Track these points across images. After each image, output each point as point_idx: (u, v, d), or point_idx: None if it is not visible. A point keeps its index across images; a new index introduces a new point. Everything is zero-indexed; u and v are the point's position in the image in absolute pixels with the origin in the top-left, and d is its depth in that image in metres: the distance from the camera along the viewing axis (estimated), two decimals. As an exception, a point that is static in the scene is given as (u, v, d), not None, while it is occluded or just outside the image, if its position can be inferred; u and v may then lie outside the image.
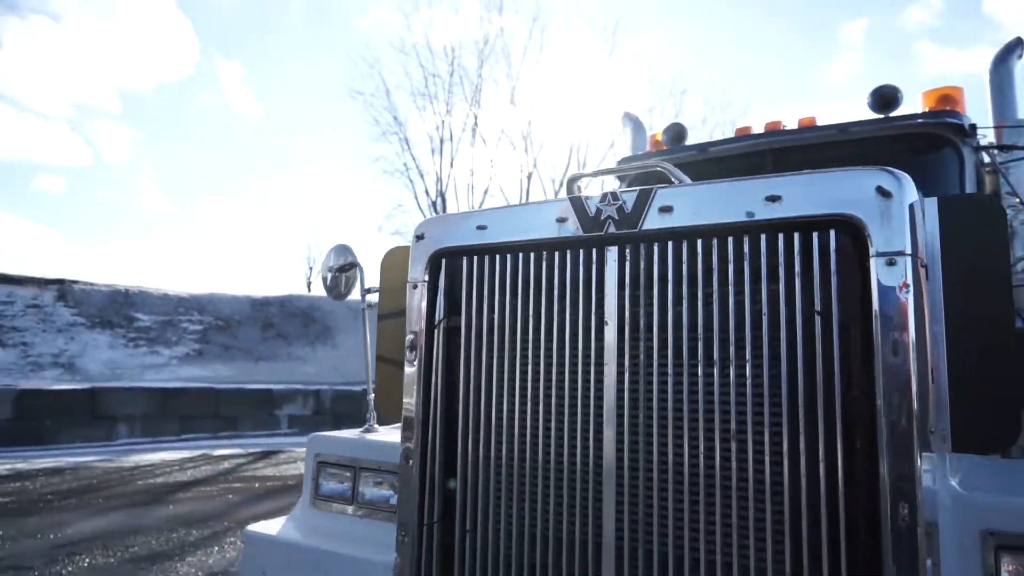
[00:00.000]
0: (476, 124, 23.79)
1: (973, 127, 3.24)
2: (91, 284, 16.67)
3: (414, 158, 23.58)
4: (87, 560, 5.50)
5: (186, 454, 11.43)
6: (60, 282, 16.22)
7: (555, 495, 1.61)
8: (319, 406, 15.34)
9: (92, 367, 14.33)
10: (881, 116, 3.30)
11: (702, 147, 3.69)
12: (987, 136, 3.36)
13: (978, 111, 3.45)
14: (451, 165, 23.37)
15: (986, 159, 3.23)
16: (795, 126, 3.59)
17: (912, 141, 3.26)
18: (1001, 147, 3.15)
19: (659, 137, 4.11)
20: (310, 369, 17.31)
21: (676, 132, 3.87)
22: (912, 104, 3.52)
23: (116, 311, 16.32)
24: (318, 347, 18.76)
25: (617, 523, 1.52)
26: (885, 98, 3.37)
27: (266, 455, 11.38)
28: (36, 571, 5.17)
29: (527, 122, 25.06)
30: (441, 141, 23.59)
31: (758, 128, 3.69)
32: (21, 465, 10.10)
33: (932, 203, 1.40)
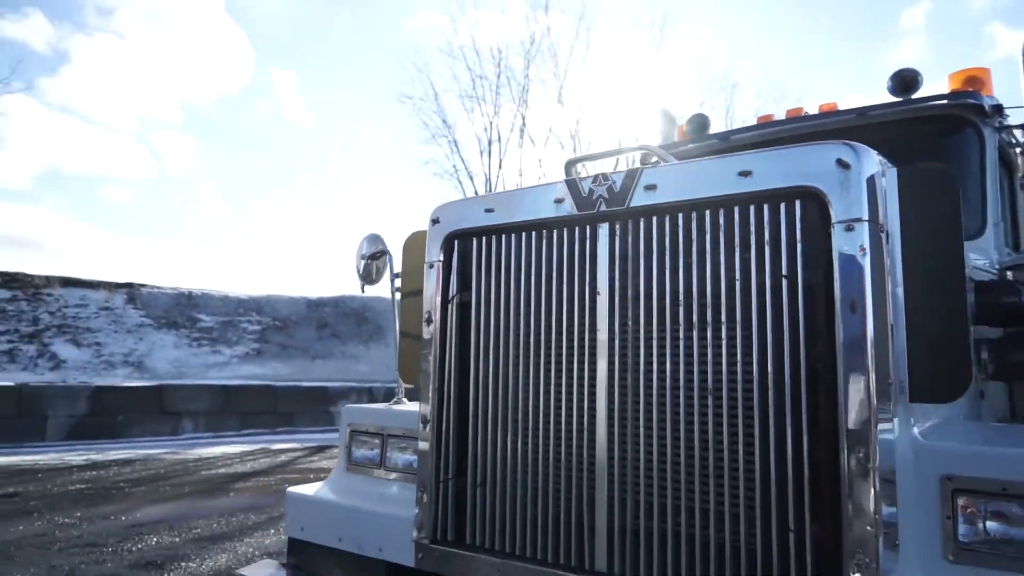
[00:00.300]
0: (524, 124, 23.95)
1: (997, 108, 3.24)
2: (158, 287, 17.50)
3: (463, 160, 23.86)
4: (154, 539, 5.88)
5: (246, 448, 11.93)
6: (129, 285, 17.08)
7: (554, 448, 1.76)
8: (372, 403, 15.76)
9: (159, 365, 15.06)
10: (899, 99, 3.33)
11: (724, 136, 3.78)
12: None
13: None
14: (499, 166, 23.59)
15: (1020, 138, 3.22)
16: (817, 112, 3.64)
17: (932, 123, 3.28)
18: None
19: (685, 128, 4.20)
20: (363, 367, 17.77)
21: (700, 122, 3.96)
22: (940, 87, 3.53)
23: (180, 312, 17.09)
24: (371, 346, 19.26)
25: (608, 474, 1.66)
26: (905, 81, 3.40)
27: (321, 449, 11.80)
28: (110, 547, 5.56)
29: (575, 121, 25.10)
30: (489, 142, 23.82)
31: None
32: (96, 456, 10.73)
33: (893, 174, 1.50)
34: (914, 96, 3.36)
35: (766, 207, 1.52)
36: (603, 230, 1.75)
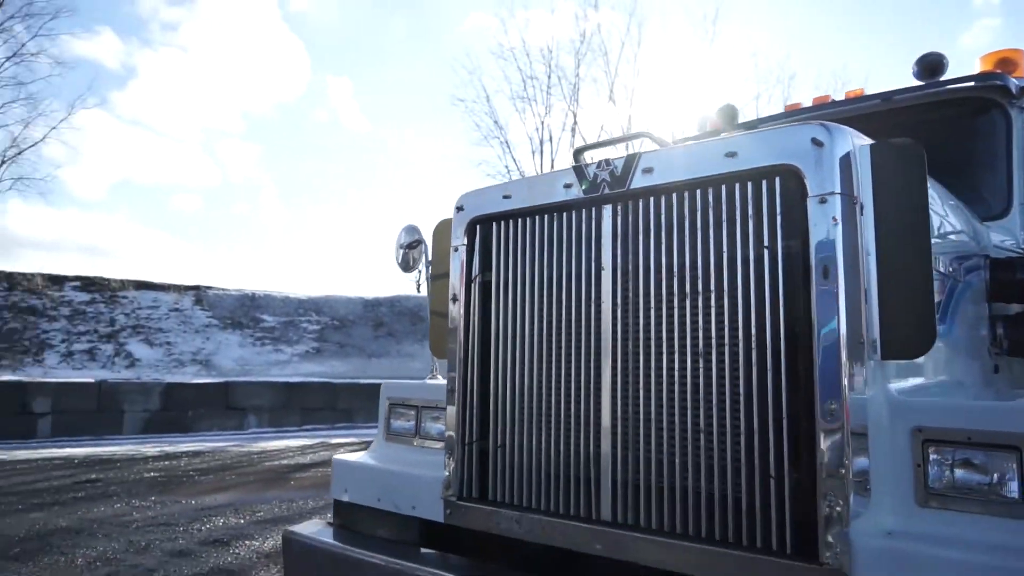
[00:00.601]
0: (575, 123, 24.05)
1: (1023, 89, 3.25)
2: (223, 289, 18.29)
3: (515, 160, 24.14)
4: (221, 521, 6.27)
5: (306, 441, 12.41)
6: (196, 288, 17.91)
7: (564, 411, 1.94)
8: (427, 399, 16.09)
9: (225, 363, 15.76)
10: (924, 83, 3.37)
11: (752, 125, 3.87)
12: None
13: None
14: (552, 165, 23.75)
15: None
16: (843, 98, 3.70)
17: (959, 106, 3.31)
18: None
19: (716, 118, 4.30)
20: (418, 364, 18.16)
21: (729, 113, 4.06)
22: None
23: (244, 313, 17.82)
24: (426, 344, 19.66)
25: (612, 434, 1.83)
26: (931, 65, 3.44)
27: (377, 442, 12.16)
28: (181, 527, 5.97)
29: (627, 118, 25.04)
30: (541, 142, 24.02)
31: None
32: (168, 448, 11.35)
33: (867, 150, 1.62)
34: (940, 80, 3.40)
35: (750, 184, 1.66)
36: (607, 211, 1.92)
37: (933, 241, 2.02)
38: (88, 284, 16.59)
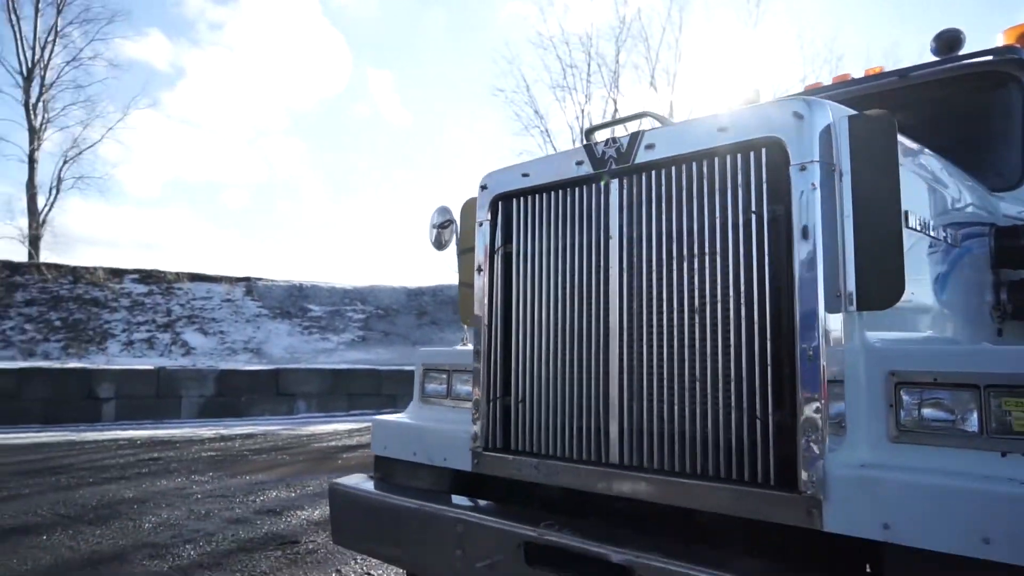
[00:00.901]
0: (616, 110, 24.04)
1: None
2: (272, 280, 18.90)
3: (555, 149, 24.24)
4: (274, 494, 6.63)
5: (353, 425, 12.82)
6: (247, 279, 18.54)
7: (578, 367, 2.14)
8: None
9: (275, 351, 16.34)
10: (940, 59, 3.44)
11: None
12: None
13: None
14: (591, 154, 23.66)
15: None
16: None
17: (975, 80, 3.38)
18: None
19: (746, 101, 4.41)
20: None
21: (753, 97, 4.18)
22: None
23: (293, 303, 18.39)
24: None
25: (619, 385, 2.02)
26: (949, 41, 3.51)
27: (421, 425, 12.52)
28: (237, 499, 6.34)
29: (668, 103, 24.90)
30: (581, 130, 24.06)
31: None
32: (223, 431, 11.87)
33: (845, 121, 1.77)
34: (956, 55, 3.46)
35: (739, 156, 1.83)
36: (614, 184, 2.10)
37: (929, 209, 2.16)
38: (146, 277, 17.36)
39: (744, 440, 1.76)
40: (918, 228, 2.05)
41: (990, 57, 3.37)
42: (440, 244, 3.12)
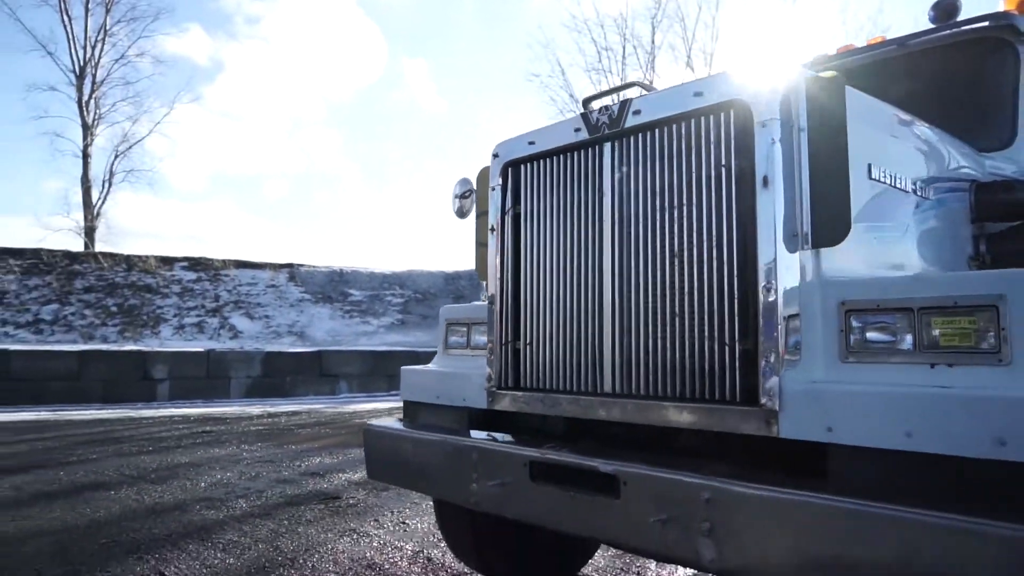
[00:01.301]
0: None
1: None
2: (314, 266, 19.47)
3: (591, 135, 24.18)
4: (318, 460, 7.05)
5: (393, 404, 13.25)
6: (290, 266, 19.15)
7: (577, 311, 2.41)
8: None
9: (317, 334, 16.90)
10: (937, 26, 3.58)
11: None
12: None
13: None
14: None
15: None
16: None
17: (972, 46, 3.52)
18: None
19: None
20: (496, 333, 18.77)
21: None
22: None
23: (334, 288, 18.95)
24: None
25: (612, 323, 2.29)
26: (946, 9, 3.65)
27: (458, 403, 12.91)
28: (284, 464, 6.78)
29: (704, 84, 24.54)
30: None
31: None
32: (270, 408, 12.42)
33: (803, 83, 1.99)
34: (953, 22, 3.60)
35: (711, 117, 2.07)
36: (607, 148, 2.36)
37: (898, 165, 2.38)
38: (194, 264, 18.09)
39: (716, 366, 2.02)
40: (883, 180, 2.26)
41: (986, 23, 3.50)
42: (462, 213, 3.41)
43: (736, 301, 1.99)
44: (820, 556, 1.61)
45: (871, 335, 1.86)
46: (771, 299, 1.91)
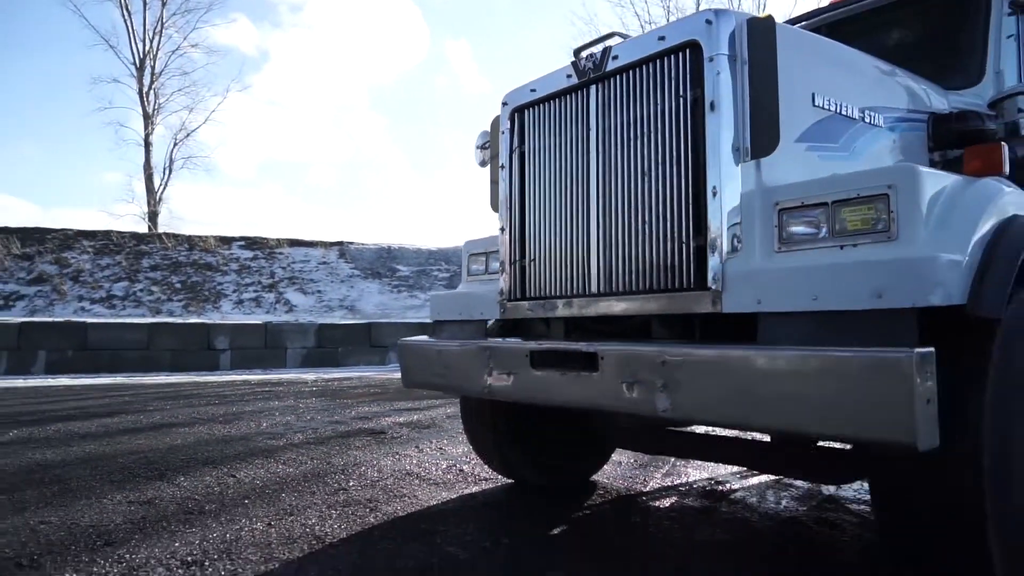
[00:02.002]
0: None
1: None
2: (363, 244, 20.24)
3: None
4: (366, 409, 7.66)
5: (439, 371, 13.90)
6: (340, 243, 19.95)
7: (570, 229, 2.86)
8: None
9: (367, 308, 17.66)
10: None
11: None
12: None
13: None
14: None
15: None
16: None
17: (944, -2, 3.81)
18: None
19: None
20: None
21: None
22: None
23: (382, 264, 19.69)
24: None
25: (597, 235, 2.74)
26: None
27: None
28: (337, 412, 7.40)
29: (746, 52, 24.38)
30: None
31: None
32: (324, 375, 13.16)
33: (744, 24, 2.39)
34: None
35: (672, 56, 2.50)
36: (593, 90, 2.80)
37: (845, 94, 2.75)
38: (251, 243, 19.05)
39: (675, 261, 2.46)
40: (828, 108, 2.65)
41: None
42: (483, 162, 3.89)
43: (691, 207, 2.43)
44: (741, 394, 2.05)
45: (797, 228, 2.27)
46: (718, 203, 2.34)
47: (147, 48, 28.33)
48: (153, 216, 27.15)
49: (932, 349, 1.77)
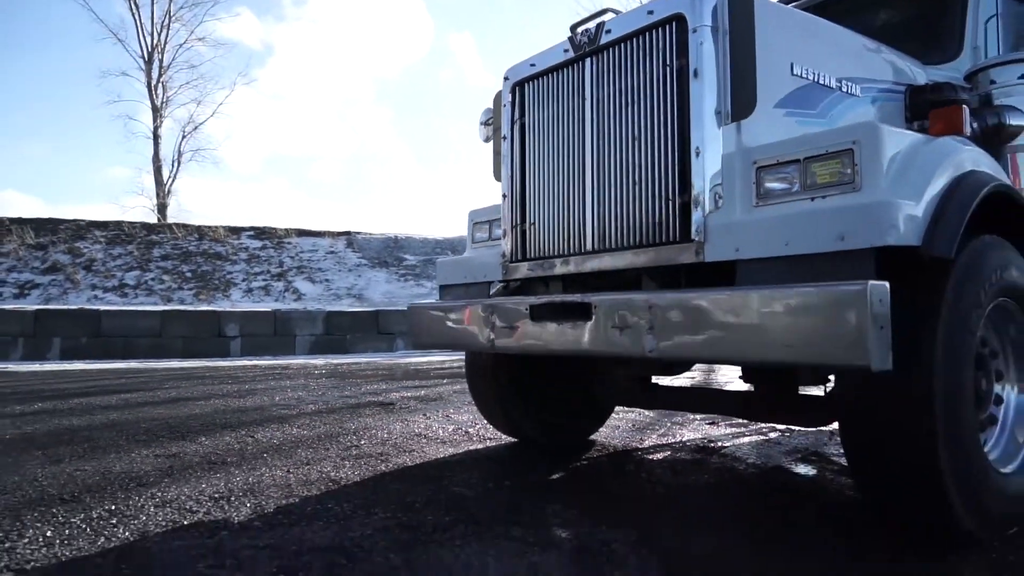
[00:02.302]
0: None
1: None
2: (370, 234, 20.47)
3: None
4: (375, 387, 7.90)
5: (444, 358, 14.10)
6: (348, 233, 20.19)
7: (566, 193, 3.08)
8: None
9: (374, 296, 17.90)
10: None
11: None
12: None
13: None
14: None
15: None
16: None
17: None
18: None
19: None
20: (543, 294, 19.43)
21: None
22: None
23: (389, 253, 19.92)
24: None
25: (591, 197, 2.95)
26: None
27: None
28: (347, 390, 7.64)
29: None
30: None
31: None
32: (333, 361, 13.40)
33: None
34: None
35: (659, 29, 2.70)
36: (588, 62, 3.01)
37: (823, 65, 2.95)
38: (260, 233, 19.32)
39: (663, 217, 2.67)
40: (806, 76, 2.85)
41: None
42: (487, 138, 4.11)
43: (676, 166, 2.64)
44: (720, 330, 2.26)
45: (773, 184, 2.48)
46: (701, 163, 2.55)
47: (155, 41, 28.63)
48: (162, 208, 27.48)
49: (886, 282, 1.98)
